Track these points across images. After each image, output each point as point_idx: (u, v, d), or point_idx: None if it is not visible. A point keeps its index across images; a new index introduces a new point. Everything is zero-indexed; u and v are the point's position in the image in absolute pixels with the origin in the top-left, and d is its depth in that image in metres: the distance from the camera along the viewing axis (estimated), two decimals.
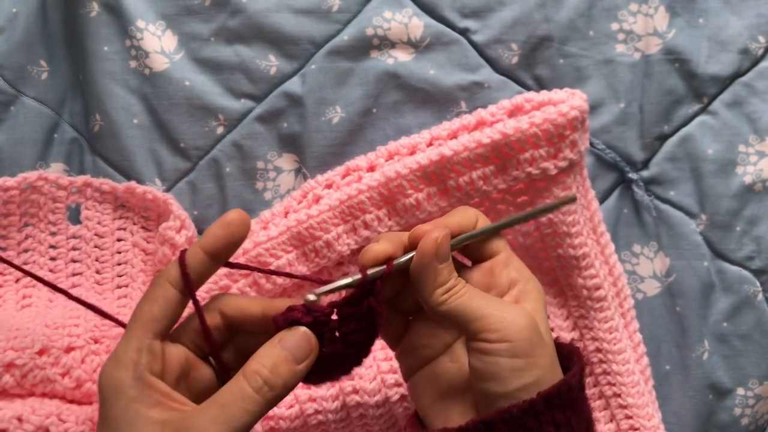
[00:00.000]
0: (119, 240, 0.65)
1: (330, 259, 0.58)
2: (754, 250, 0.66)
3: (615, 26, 0.66)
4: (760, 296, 0.66)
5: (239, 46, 0.64)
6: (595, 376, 0.62)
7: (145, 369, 0.40)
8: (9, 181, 0.62)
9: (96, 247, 0.64)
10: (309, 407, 0.57)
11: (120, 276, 0.64)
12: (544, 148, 0.55)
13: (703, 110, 0.66)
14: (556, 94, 0.58)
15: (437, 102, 0.65)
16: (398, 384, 0.57)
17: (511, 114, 0.58)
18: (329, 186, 0.61)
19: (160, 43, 0.64)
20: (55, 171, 0.66)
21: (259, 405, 0.40)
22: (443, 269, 0.43)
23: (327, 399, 0.57)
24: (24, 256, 0.63)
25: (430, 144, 0.60)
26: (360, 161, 0.61)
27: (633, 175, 0.66)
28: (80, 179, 0.64)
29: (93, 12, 0.64)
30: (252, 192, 0.65)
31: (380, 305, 0.43)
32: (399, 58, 0.64)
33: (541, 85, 0.65)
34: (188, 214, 0.63)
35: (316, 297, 0.42)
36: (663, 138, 0.66)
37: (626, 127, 0.66)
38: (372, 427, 0.59)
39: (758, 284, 0.66)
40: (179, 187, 0.65)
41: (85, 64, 0.65)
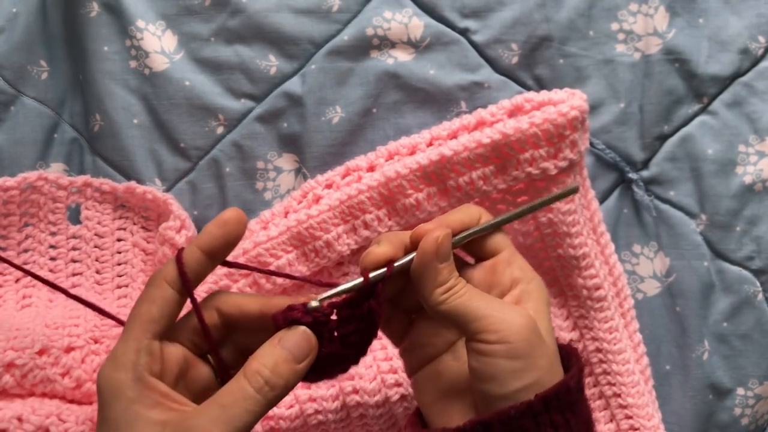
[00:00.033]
0: (119, 240, 0.65)
1: (330, 259, 0.58)
2: (754, 250, 0.66)
3: (615, 26, 0.66)
4: (760, 296, 0.66)
5: (239, 46, 0.64)
6: (595, 376, 0.62)
7: (144, 370, 0.40)
8: (9, 181, 0.62)
9: (96, 247, 0.64)
10: (309, 407, 0.57)
11: (120, 276, 0.64)
12: (544, 148, 0.55)
13: (703, 110, 0.66)
14: (556, 94, 0.58)
15: (437, 102, 0.65)
16: (398, 384, 0.57)
17: (511, 114, 0.58)
18: (329, 186, 0.61)
19: (160, 43, 0.64)
20: (55, 171, 0.66)
21: (260, 405, 0.40)
22: (443, 269, 0.43)
23: (327, 399, 0.57)
24: (24, 256, 0.63)
25: (430, 144, 0.60)
26: (360, 161, 0.61)
27: (633, 175, 0.66)
28: (80, 179, 0.64)
29: (93, 12, 0.64)
30: (252, 192, 0.65)
31: (380, 307, 0.43)
32: (399, 58, 0.64)
33: (541, 85, 0.65)
34: (188, 214, 0.63)
35: (318, 304, 0.42)
36: (663, 138, 0.66)
37: (626, 127, 0.66)
38: (372, 427, 0.59)
39: (758, 284, 0.66)
40: (179, 187, 0.65)
41: (85, 64, 0.65)
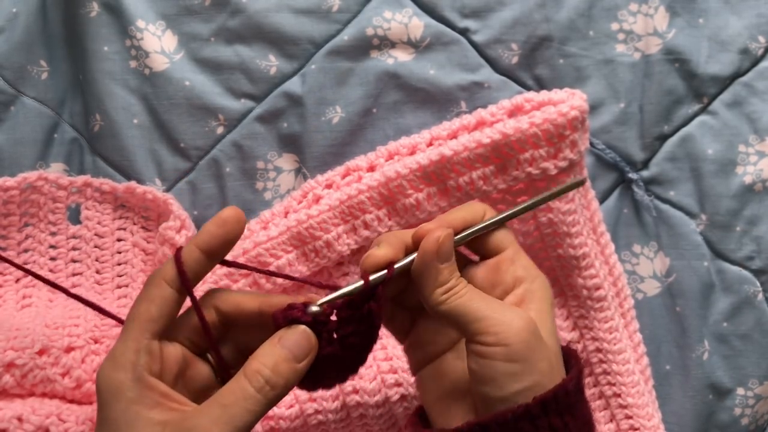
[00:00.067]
0: (119, 240, 0.65)
1: (330, 259, 0.58)
2: (754, 250, 0.66)
3: (615, 26, 0.66)
4: (760, 296, 0.66)
5: (239, 46, 0.64)
6: (595, 376, 0.62)
7: (144, 370, 0.40)
8: (9, 181, 0.62)
9: (96, 247, 0.64)
10: (309, 407, 0.57)
11: (120, 276, 0.64)
12: (544, 148, 0.55)
13: (703, 110, 0.66)
14: (556, 94, 0.58)
15: (437, 102, 0.65)
16: (398, 384, 0.57)
17: (511, 114, 0.58)
18: (329, 186, 0.61)
19: (160, 43, 0.64)
20: (55, 171, 0.66)
21: (261, 404, 0.40)
22: (444, 269, 0.43)
23: (327, 399, 0.57)
24: (24, 256, 0.63)
25: (430, 144, 0.60)
26: (360, 161, 0.61)
27: (633, 175, 0.66)
28: (80, 179, 0.64)
29: (93, 12, 0.64)
30: (252, 192, 0.65)
31: (380, 309, 0.43)
32: (399, 58, 0.64)
33: (541, 85, 0.65)
34: (188, 214, 0.63)
35: (319, 308, 0.42)
36: (663, 138, 0.66)
37: (626, 127, 0.66)
38: (372, 427, 0.59)
39: (758, 284, 0.66)
40: (179, 187, 0.65)
41: (85, 64, 0.65)
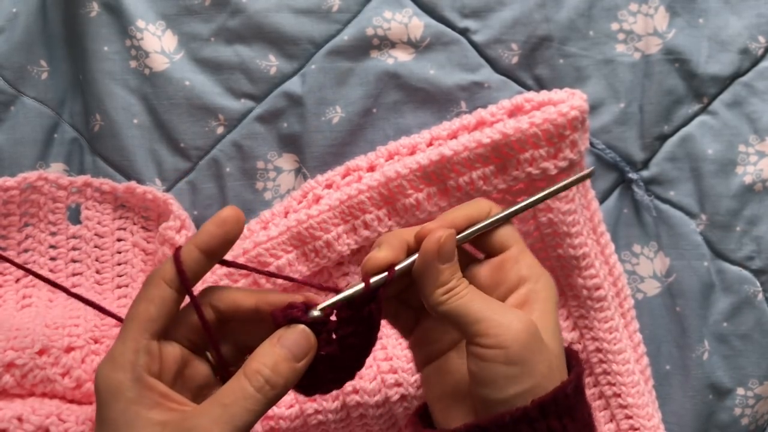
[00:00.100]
0: (119, 240, 0.65)
1: (330, 259, 0.58)
2: (754, 250, 0.66)
3: (615, 26, 0.66)
4: (760, 296, 0.66)
5: (239, 46, 0.64)
6: (595, 376, 0.62)
7: (143, 370, 0.40)
8: (9, 181, 0.62)
9: (96, 247, 0.64)
10: (309, 407, 0.57)
11: (120, 276, 0.64)
12: (544, 148, 0.55)
13: (703, 110, 0.66)
14: (556, 94, 0.58)
15: (437, 102, 0.65)
16: (398, 384, 0.57)
17: (511, 114, 0.58)
18: (329, 186, 0.61)
19: (160, 43, 0.64)
20: (55, 171, 0.66)
21: (261, 404, 0.40)
22: (445, 269, 0.43)
23: (327, 399, 0.57)
24: (24, 256, 0.63)
25: (430, 144, 0.60)
26: (360, 161, 0.61)
27: (633, 175, 0.66)
28: (80, 179, 0.64)
29: (93, 12, 0.64)
30: (252, 192, 0.65)
31: (380, 311, 0.43)
32: (399, 58, 0.64)
33: (541, 85, 0.65)
34: (188, 214, 0.63)
35: (320, 313, 0.42)
36: (663, 138, 0.66)
37: (626, 127, 0.66)
38: (372, 427, 0.59)
39: (758, 284, 0.66)
40: (179, 187, 0.65)
41: (85, 64, 0.65)
